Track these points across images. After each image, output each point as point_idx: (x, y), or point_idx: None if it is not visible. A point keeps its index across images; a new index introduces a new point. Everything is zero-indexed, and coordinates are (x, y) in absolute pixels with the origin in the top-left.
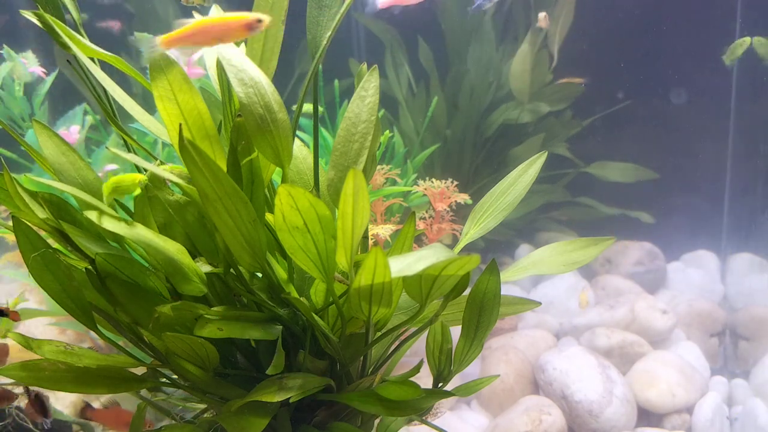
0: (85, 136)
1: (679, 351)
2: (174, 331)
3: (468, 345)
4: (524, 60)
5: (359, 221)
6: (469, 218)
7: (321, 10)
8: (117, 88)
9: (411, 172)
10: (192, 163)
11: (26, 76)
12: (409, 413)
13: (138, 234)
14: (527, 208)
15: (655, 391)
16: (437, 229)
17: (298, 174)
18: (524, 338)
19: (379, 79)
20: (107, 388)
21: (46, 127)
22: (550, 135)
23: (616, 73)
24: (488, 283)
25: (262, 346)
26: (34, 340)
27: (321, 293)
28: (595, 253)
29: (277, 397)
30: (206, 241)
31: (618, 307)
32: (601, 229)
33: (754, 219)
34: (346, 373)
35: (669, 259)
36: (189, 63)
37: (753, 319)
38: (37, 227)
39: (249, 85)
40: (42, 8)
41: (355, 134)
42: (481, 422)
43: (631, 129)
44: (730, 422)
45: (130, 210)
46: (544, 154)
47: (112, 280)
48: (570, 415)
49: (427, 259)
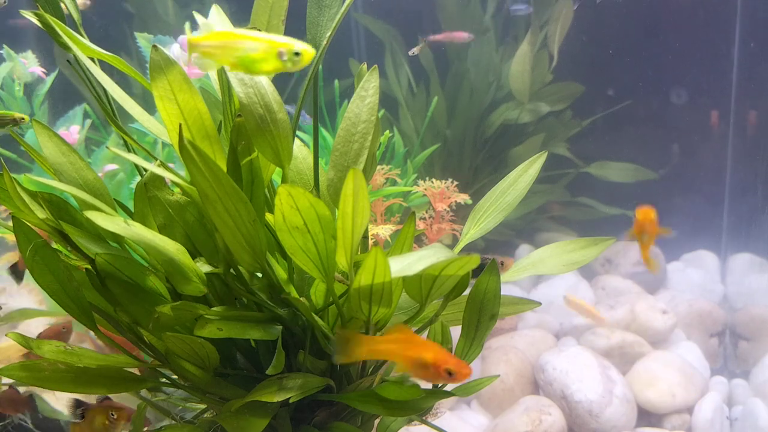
0: (85, 136)
1: (679, 351)
2: (174, 331)
3: (468, 345)
4: (524, 60)
5: (359, 221)
6: (469, 218)
7: (321, 11)
8: (117, 88)
9: (411, 172)
10: (192, 163)
11: (26, 76)
12: (409, 413)
13: (138, 234)
14: (527, 209)
15: (655, 391)
16: (437, 229)
17: (298, 174)
18: (524, 338)
19: (379, 79)
20: (107, 388)
21: (46, 127)
22: (550, 135)
23: (616, 73)
24: (488, 283)
25: (262, 346)
26: (34, 340)
27: (321, 293)
28: (595, 253)
29: (277, 397)
30: (206, 241)
31: (618, 307)
32: (601, 229)
33: (754, 219)
34: (346, 373)
35: (669, 259)
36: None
37: (753, 319)
38: (37, 227)
39: (249, 85)
40: (42, 8)
41: (355, 134)
42: (481, 422)
43: (631, 129)
44: (730, 422)
45: (130, 210)
46: (544, 154)
47: (112, 280)
48: (570, 415)
49: (427, 259)
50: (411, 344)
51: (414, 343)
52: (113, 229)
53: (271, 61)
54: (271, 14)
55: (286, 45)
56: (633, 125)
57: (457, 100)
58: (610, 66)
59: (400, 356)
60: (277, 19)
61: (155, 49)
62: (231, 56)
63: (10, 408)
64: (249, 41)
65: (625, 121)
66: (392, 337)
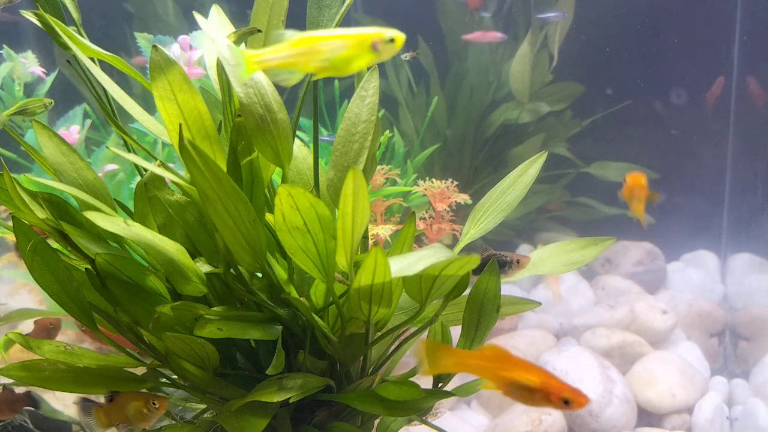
0: (85, 136)
1: (679, 351)
2: (174, 331)
3: (468, 345)
4: (524, 60)
5: (359, 221)
6: (469, 218)
7: (321, 10)
8: (117, 88)
9: (411, 172)
10: (192, 163)
11: (26, 76)
12: (409, 413)
13: (138, 234)
14: (527, 209)
15: (655, 391)
16: (437, 229)
17: (298, 174)
18: (524, 338)
19: (379, 79)
20: (107, 388)
21: (46, 127)
22: (550, 135)
23: (616, 73)
24: (488, 283)
25: (262, 346)
26: (34, 340)
27: (321, 293)
28: (595, 253)
29: (277, 397)
30: (206, 241)
31: (618, 307)
32: (601, 229)
33: (754, 219)
34: (346, 373)
35: (669, 259)
36: (189, 63)
37: (753, 319)
38: (36, 227)
39: (249, 85)
40: (42, 8)
41: (355, 134)
42: (481, 422)
43: (631, 129)
44: (730, 422)
45: (130, 210)
46: (544, 154)
47: (112, 280)
48: (570, 415)
49: (427, 259)
50: (508, 364)
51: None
52: (113, 230)
53: (364, 55)
54: (271, 14)
55: (378, 35)
56: (633, 125)
57: (457, 100)
58: (610, 66)
59: (494, 375)
60: (277, 19)
61: (155, 49)
62: (317, 61)
63: (6, 410)
64: (334, 41)
65: (625, 121)
66: (485, 355)
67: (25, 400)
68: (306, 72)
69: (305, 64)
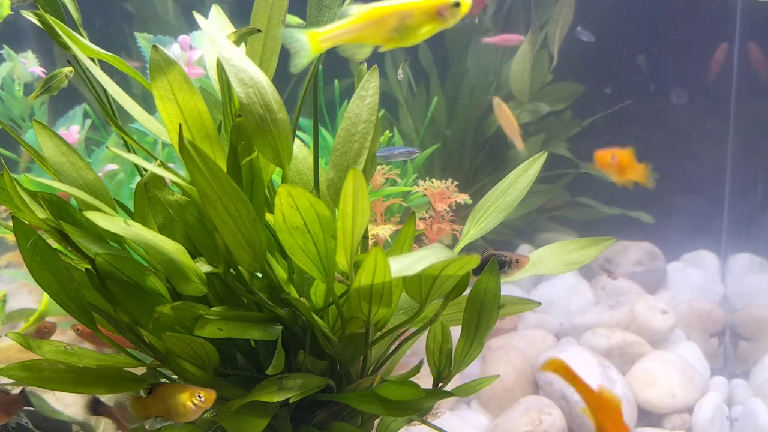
0: (85, 136)
1: (679, 351)
2: (174, 331)
3: (468, 345)
4: (524, 60)
5: (359, 221)
6: (469, 218)
7: (321, 11)
8: (117, 88)
9: (411, 172)
10: (192, 163)
11: (26, 76)
12: (409, 413)
13: (138, 234)
14: (527, 209)
15: (655, 391)
16: (437, 229)
17: (298, 174)
18: (524, 338)
19: (379, 79)
20: (107, 388)
21: (46, 127)
22: (550, 135)
23: (615, 73)
24: (488, 283)
25: (262, 346)
26: (34, 340)
27: (321, 293)
28: (595, 253)
29: (277, 397)
30: (206, 241)
31: (618, 307)
32: (601, 229)
33: (754, 219)
34: (346, 373)
35: (669, 259)
36: (189, 63)
37: (753, 319)
38: (36, 227)
39: (249, 85)
40: (42, 8)
41: (355, 134)
42: (481, 422)
43: (631, 129)
44: (730, 422)
45: (130, 210)
46: (544, 154)
47: (112, 280)
48: (570, 415)
49: (427, 259)
50: None
51: None
52: (113, 229)
53: (431, 23)
54: (271, 14)
55: (443, 1)
56: (633, 125)
57: (457, 100)
58: (610, 66)
59: None
60: (277, 19)
61: (155, 49)
62: (384, 32)
63: (2, 413)
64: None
65: (625, 121)
66: None
67: (20, 401)
68: (373, 44)
69: (373, 36)
